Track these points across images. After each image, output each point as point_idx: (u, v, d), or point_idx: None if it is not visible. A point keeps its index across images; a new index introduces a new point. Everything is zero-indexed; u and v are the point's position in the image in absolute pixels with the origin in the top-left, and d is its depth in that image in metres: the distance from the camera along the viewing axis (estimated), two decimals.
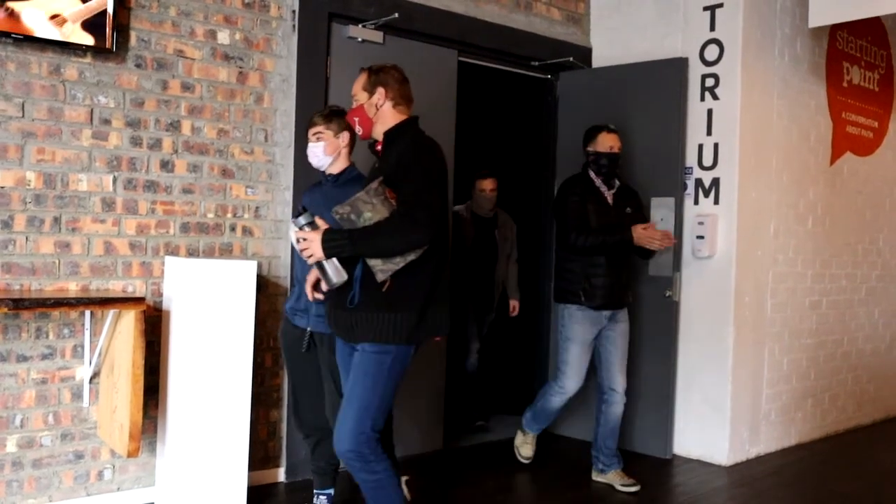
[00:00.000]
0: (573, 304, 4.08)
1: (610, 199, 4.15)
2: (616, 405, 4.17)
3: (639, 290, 4.64)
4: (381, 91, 2.84)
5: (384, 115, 2.85)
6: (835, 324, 5.56)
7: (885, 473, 4.70)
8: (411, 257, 2.63)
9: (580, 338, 4.10)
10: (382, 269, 2.64)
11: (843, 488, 4.31)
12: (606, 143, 4.13)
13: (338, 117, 3.31)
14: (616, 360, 4.16)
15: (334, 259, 2.69)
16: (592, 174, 4.16)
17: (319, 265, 2.72)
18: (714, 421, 4.66)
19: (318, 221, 2.72)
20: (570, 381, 4.12)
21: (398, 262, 2.63)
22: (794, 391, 5.16)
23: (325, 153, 3.29)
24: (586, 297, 4.03)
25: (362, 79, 2.89)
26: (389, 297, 2.69)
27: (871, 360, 5.97)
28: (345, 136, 3.30)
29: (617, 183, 4.22)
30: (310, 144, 3.30)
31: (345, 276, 2.72)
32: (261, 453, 3.96)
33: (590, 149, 4.17)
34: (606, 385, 4.18)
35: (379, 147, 2.89)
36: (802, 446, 5.17)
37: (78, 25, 3.27)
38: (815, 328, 5.35)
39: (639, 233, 3.99)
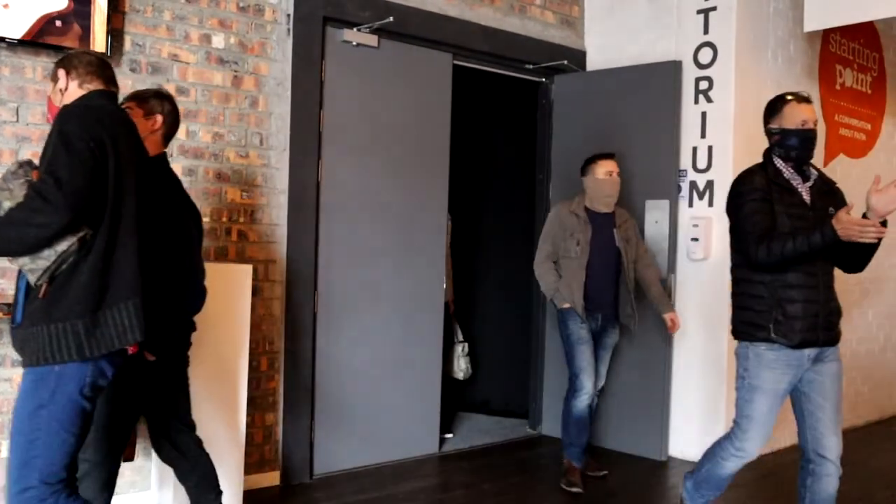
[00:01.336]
0: (761, 342, 2.99)
1: (807, 196, 2.99)
2: (829, 478, 3.05)
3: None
4: (62, 73, 2.50)
5: (71, 96, 2.47)
6: None
7: (880, 474, 4.71)
8: (62, 247, 2.19)
9: (770, 387, 2.99)
10: (32, 268, 2.20)
11: (837, 489, 4.31)
12: (797, 115, 2.99)
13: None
14: (827, 417, 3.01)
15: None
16: (779, 162, 3.03)
17: None
18: (709, 423, 4.67)
19: None
20: (752, 442, 3.05)
21: (49, 257, 2.18)
22: None
23: None
24: (779, 331, 2.93)
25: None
26: (49, 306, 2.22)
27: (865, 362, 5.99)
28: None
29: (814, 173, 3.06)
30: None
31: None
32: (256, 457, 3.95)
33: (773, 125, 3.05)
34: (812, 449, 3.06)
35: None
36: (797, 448, 5.15)
37: None
38: None
39: (843, 220, 2.69)
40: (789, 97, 3.05)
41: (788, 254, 2.82)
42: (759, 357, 3.00)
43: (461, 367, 5.28)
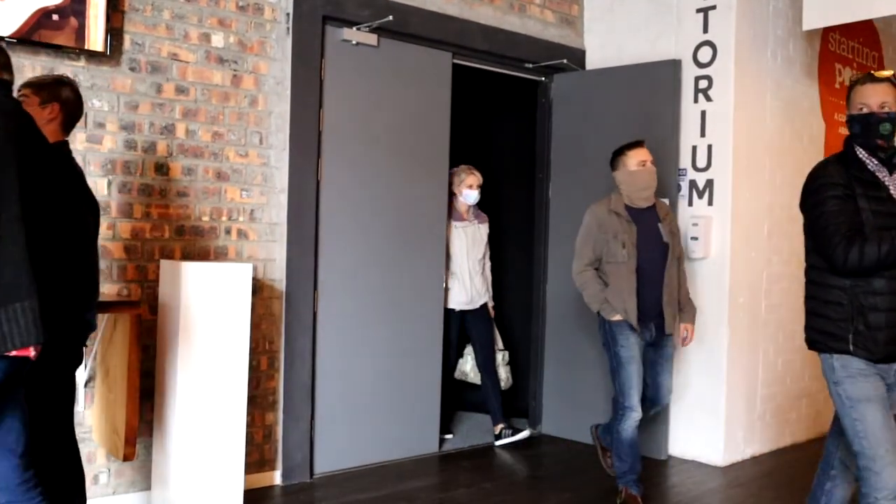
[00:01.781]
0: (842, 353, 2.65)
1: (894, 190, 2.66)
2: (850, 486, 2.92)
3: None
4: None
5: None
6: None
7: None
8: None
9: (874, 392, 2.61)
10: None
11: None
12: (856, 99, 2.70)
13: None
14: None
15: None
16: (861, 152, 2.69)
17: None
18: (709, 422, 4.67)
19: None
20: (890, 472, 2.54)
21: None
22: (788, 392, 5.18)
23: None
24: (859, 343, 2.60)
25: None
26: None
27: None
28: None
29: None
30: None
31: None
32: (256, 456, 3.95)
33: (847, 113, 2.78)
34: (841, 461, 2.92)
35: None
36: (797, 446, 5.19)
37: None
38: None
39: None
40: (854, 79, 2.78)
41: (884, 258, 2.51)
42: (846, 366, 2.65)
43: (501, 377, 5.14)
